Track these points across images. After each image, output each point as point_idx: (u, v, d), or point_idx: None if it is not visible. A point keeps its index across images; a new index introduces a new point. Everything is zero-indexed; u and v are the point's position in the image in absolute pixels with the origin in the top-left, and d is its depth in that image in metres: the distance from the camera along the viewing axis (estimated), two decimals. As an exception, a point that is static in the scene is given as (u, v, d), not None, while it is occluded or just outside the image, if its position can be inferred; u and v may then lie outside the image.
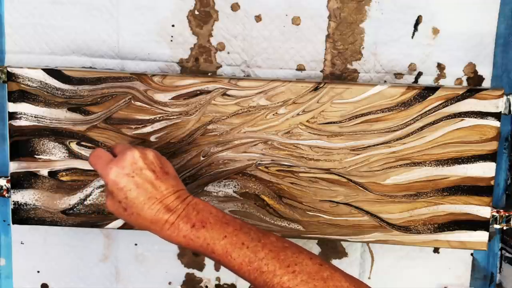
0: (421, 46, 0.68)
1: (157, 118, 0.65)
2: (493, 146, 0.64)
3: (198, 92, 0.64)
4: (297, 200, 0.66)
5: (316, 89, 0.64)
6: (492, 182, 0.65)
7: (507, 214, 0.67)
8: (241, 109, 0.65)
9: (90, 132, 0.65)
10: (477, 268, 0.74)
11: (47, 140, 0.66)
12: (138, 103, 0.65)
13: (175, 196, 0.53)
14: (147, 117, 0.65)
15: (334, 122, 0.65)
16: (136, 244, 0.74)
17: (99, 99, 0.65)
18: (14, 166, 0.66)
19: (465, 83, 0.69)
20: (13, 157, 0.66)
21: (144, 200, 0.52)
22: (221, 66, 0.69)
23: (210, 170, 0.66)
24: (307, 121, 0.64)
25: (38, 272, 0.75)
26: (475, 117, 0.64)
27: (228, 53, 0.69)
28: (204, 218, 0.52)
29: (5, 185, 0.68)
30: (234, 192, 0.66)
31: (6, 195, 0.68)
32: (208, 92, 0.64)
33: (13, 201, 0.66)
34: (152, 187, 0.52)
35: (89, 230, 0.73)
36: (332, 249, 0.74)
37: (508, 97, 0.65)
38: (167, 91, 0.64)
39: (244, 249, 0.50)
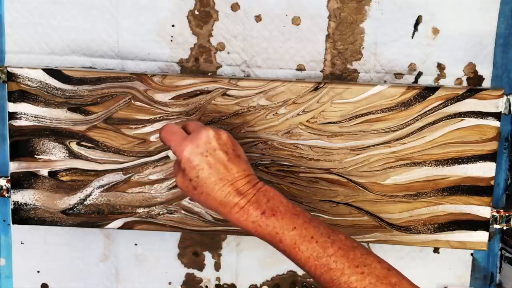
0: (421, 46, 0.68)
1: (157, 118, 0.65)
2: (493, 146, 0.64)
3: (198, 92, 0.64)
4: (297, 200, 0.66)
5: (316, 89, 0.64)
6: (492, 182, 0.65)
7: (507, 214, 0.67)
8: (241, 109, 0.65)
9: (90, 132, 0.65)
10: (477, 268, 0.74)
11: (47, 140, 0.66)
12: (138, 103, 0.65)
13: (246, 180, 0.53)
14: (147, 117, 0.65)
15: (334, 122, 0.65)
16: (136, 244, 0.74)
17: (99, 99, 0.65)
18: (14, 166, 0.66)
19: (465, 83, 0.69)
20: (13, 157, 0.66)
21: (215, 180, 0.52)
22: (221, 66, 0.69)
23: (210, 170, 0.66)
24: (307, 121, 0.64)
25: (38, 272, 0.75)
26: (475, 117, 0.64)
27: (228, 53, 0.69)
28: (275, 206, 0.52)
29: (5, 185, 0.68)
30: (234, 192, 0.66)
31: (6, 195, 0.68)
32: (208, 92, 0.64)
33: (13, 201, 0.66)
34: (224, 168, 0.52)
35: (89, 230, 0.73)
36: (332, 249, 0.74)
37: (508, 97, 0.65)
38: (167, 91, 0.64)
39: (313, 243, 0.50)
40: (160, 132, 0.56)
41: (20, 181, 0.66)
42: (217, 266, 0.75)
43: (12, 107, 0.65)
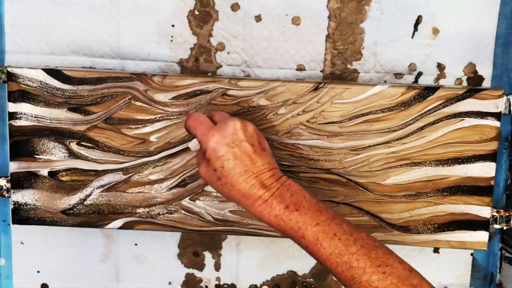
0: (421, 46, 0.68)
1: (157, 118, 0.65)
2: (493, 146, 0.64)
3: (198, 92, 0.64)
4: (297, 200, 0.66)
5: (316, 89, 0.64)
6: (492, 182, 0.65)
7: (507, 214, 0.67)
8: (241, 109, 0.65)
9: (90, 132, 0.65)
10: (477, 268, 0.74)
11: (47, 140, 0.66)
12: (138, 103, 0.65)
13: (270, 174, 0.52)
14: (147, 117, 0.65)
15: (334, 122, 0.65)
16: (136, 244, 0.74)
17: (99, 99, 0.65)
18: (14, 166, 0.66)
19: (465, 83, 0.69)
20: (13, 157, 0.66)
21: (240, 172, 0.52)
22: (221, 66, 0.69)
23: (210, 170, 0.66)
24: (307, 121, 0.64)
25: (38, 272, 0.75)
26: (475, 117, 0.64)
27: (228, 53, 0.69)
28: (298, 201, 0.52)
29: (5, 185, 0.68)
30: (234, 192, 0.66)
31: (6, 195, 0.68)
32: (208, 92, 0.64)
33: (13, 201, 0.66)
34: (249, 160, 0.52)
35: (89, 230, 0.73)
36: (332, 249, 0.73)
37: (508, 97, 0.65)
38: (167, 91, 0.64)
39: (335, 240, 0.50)
40: (186, 120, 0.56)
41: (20, 181, 0.66)
42: (217, 266, 0.75)
43: (12, 107, 0.65)
